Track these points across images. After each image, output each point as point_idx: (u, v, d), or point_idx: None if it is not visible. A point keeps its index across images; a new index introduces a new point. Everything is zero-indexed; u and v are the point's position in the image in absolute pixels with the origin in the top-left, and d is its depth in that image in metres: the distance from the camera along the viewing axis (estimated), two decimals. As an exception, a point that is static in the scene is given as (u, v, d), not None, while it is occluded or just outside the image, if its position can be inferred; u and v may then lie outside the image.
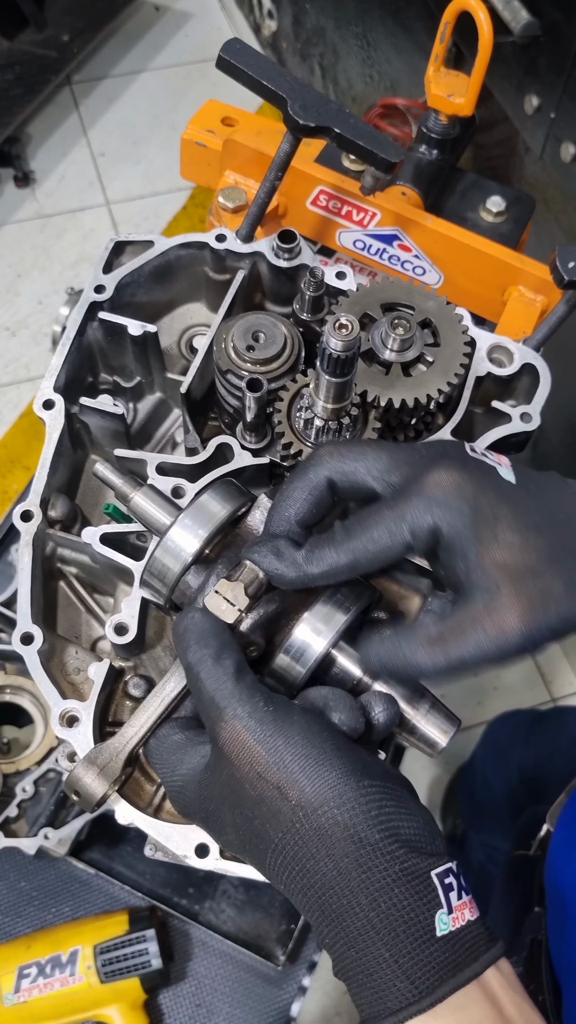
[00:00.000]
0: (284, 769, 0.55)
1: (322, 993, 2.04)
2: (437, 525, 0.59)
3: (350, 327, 0.64)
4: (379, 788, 0.55)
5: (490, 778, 1.72)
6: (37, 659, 0.78)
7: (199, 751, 0.62)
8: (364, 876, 0.53)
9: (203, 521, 0.69)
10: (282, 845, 0.55)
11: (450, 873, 0.54)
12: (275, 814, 0.55)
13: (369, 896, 0.52)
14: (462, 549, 0.59)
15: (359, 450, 0.64)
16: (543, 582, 0.58)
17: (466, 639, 0.57)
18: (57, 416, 0.86)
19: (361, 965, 0.52)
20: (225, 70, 0.92)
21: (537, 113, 1.49)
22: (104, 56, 3.40)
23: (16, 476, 2.64)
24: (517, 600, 0.57)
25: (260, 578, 0.64)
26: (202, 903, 1.26)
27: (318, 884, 0.54)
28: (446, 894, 0.53)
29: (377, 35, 2.25)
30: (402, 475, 0.62)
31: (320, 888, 0.54)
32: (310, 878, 0.54)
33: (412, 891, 0.53)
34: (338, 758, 0.55)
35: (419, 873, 0.53)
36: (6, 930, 1.24)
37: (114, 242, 0.94)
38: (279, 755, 0.55)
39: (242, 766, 0.56)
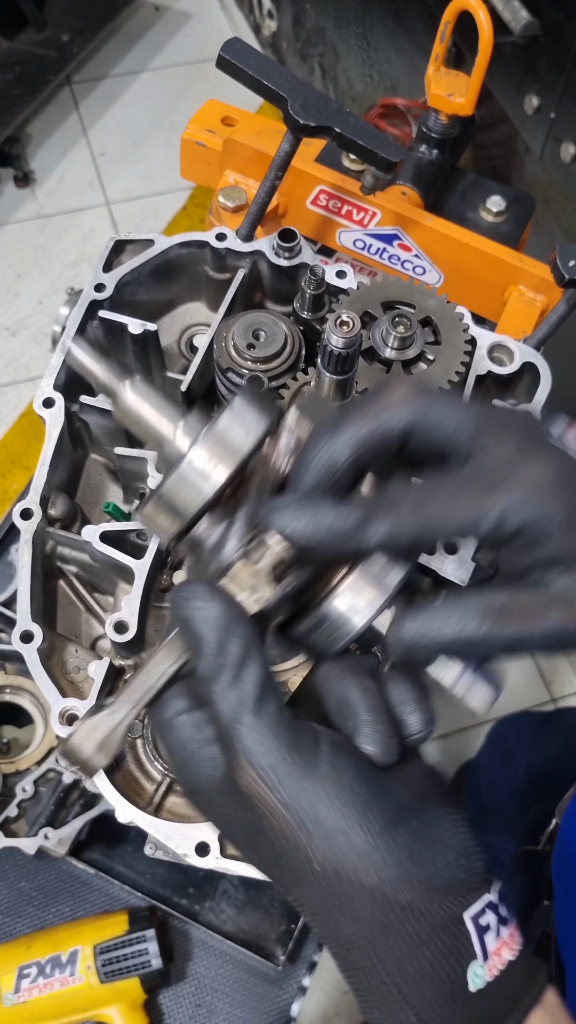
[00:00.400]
0: (306, 832, 0.48)
1: (322, 993, 2.04)
2: (528, 522, 0.51)
3: (351, 324, 0.64)
4: (410, 834, 0.49)
5: (496, 779, 1.72)
6: (37, 657, 0.77)
7: (212, 757, 0.52)
8: (391, 942, 0.48)
9: (235, 438, 0.54)
10: (303, 900, 0.51)
11: (488, 909, 0.50)
12: (297, 873, 0.50)
13: (396, 962, 0.48)
14: (548, 549, 0.52)
15: (448, 401, 0.54)
16: None
17: (542, 616, 0.51)
18: (57, 414, 0.86)
19: (388, 1021, 0.49)
20: (225, 69, 0.92)
21: (537, 113, 1.49)
22: (104, 56, 3.40)
23: (16, 476, 2.64)
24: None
25: (288, 557, 0.53)
26: (202, 903, 1.26)
27: (342, 942, 0.50)
28: (481, 938, 0.49)
29: (377, 35, 2.25)
30: (495, 449, 0.53)
31: (344, 946, 0.49)
32: (333, 935, 0.50)
33: (443, 947, 0.48)
34: (364, 815, 0.49)
35: (452, 922, 0.49)
36: (6, 930, 1.24)
37: (114, 241, 0.94)
38: (300, 816, 0.49)
39: (261, 815, 0.49)
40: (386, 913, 0.48)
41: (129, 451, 0.84)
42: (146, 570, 0.79)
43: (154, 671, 0.55)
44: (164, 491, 0.53)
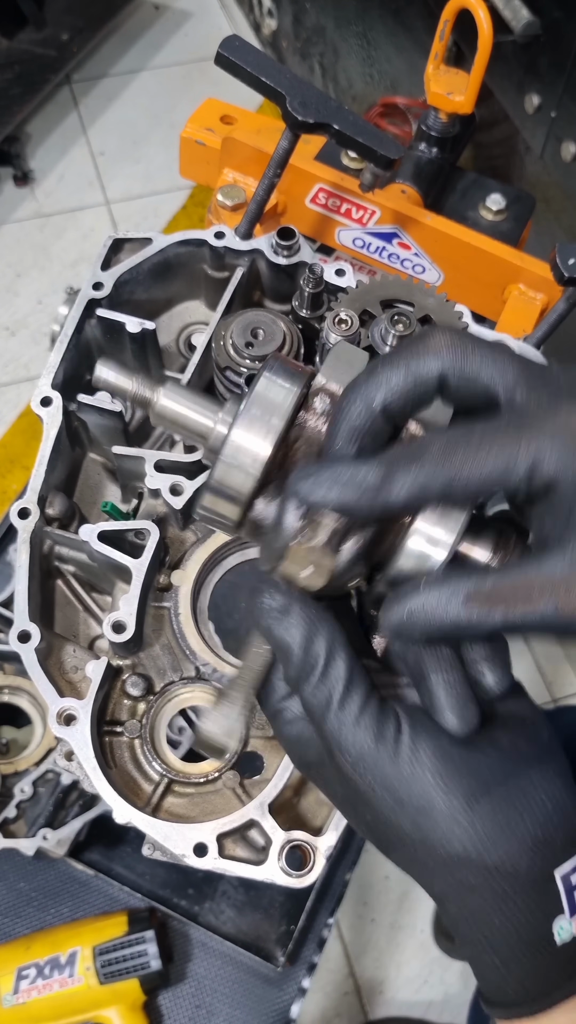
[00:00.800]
0: (393, 810, 0.51)
1: (322, 995, 2.04)
2: (559, 473, 0.47)
3: (350, 322, 0.64)
4: (494, 803, 0.50)
5: None
6: (34, 657, 0.77)
7: (314, 738, 0.54)
8: (478, 899, 0.51)
9: (271, 411, 0.54)
10: (399, 861, 0.54)
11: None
12: (390, 841, 0.53)
13: (483, 914, 0.51)
14: (570, 507, 0.48)
15: (487, 349, 0.51)
16: None
17: (531, 602, 0.48)
18: (55, 413, 0.85)
19: (477, 963, 0.53)
20: (224, 67, 0.92)
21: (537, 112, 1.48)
22: (103, 55, 3.40)
23: (15, 476, 2.64)
24: None
25: (339, 525, 0.51)
26: (201, 904, 1.25)
27: (435, 895, 0.54)
28: (569, 894, 0.51)
29: (377, 34, 2.25)
30: (534, 397, 0.50)
31: (437, 898, 0.54)
32: (428, 888, 0.54)
33: (530, 903, 0.50)
34: (446, 792, 0.50)
35: (541, 879, 0.50)
36: (5, 931, 1.24)
37: (112, 239, 0.93)
38: (387, 796, 0.51)
39: (357, 792, 0.53)
40: (472, 875, 0.50)
41: (127, 450, 0.84)
42: (144, 570, 0.78)
43: (256, 659, 0.56)
44: (214, 481, 0.54)
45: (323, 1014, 2.06)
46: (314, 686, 0.52)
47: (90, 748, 0.74)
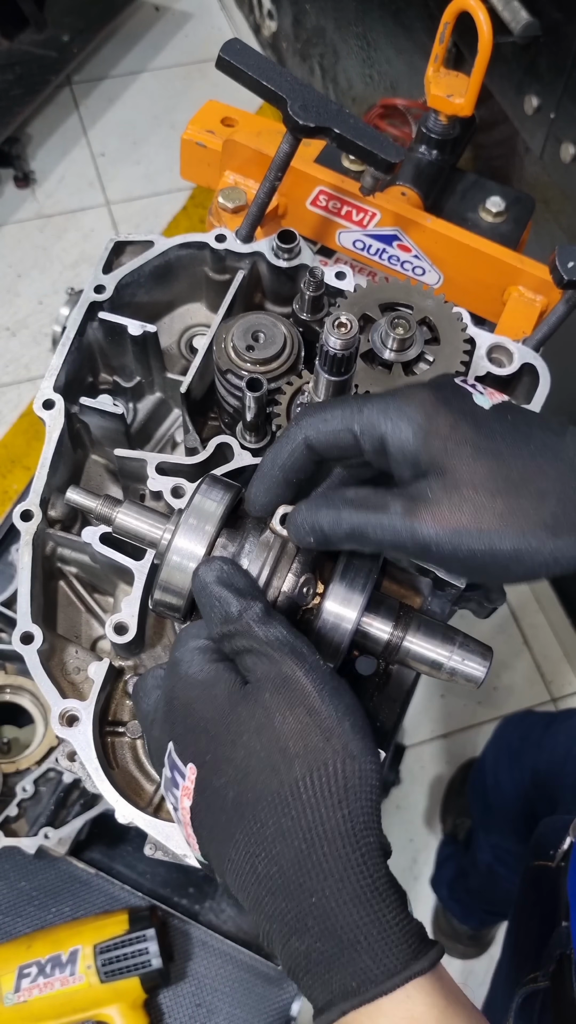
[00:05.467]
0: (332, 715, 0.56)
1: (322, 993, 2.04)
2: (387, 431, 0.61)
3: (349, 326, 0.64)
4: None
5: (502, 781, 1.72)
6: (37, 658, 0.78)
7: (222, 670, 0.61)
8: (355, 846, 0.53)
9: (205, 519, 0.68)
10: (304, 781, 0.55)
11: None
12: (312, 751, 0.55)
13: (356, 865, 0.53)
14: (406, 453, 0.60)
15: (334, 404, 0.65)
16: (481, 503, 0.58)
17: (385, 506, 0.60)
18: (57, 416, 0.86)
19: (338, 939, 0.52)
20: (225, 70, 0.93)
21: (537, 113, 1.49)
22: (104, 56, 3.40)
23: (16, 476, 2.64)
24: (449, 506, 0.58)
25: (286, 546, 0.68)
26: (202, 903, 1.26)
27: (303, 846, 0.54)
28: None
29: (377, 35, 2.25)
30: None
31: (307, 851, 0.54)
32: (302, 837, 0.54)
33: (388, 871, 0.55)
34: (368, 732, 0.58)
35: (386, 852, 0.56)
36: (6, 930, 1.24)
37: (114, 242, 0.94)
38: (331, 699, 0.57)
39: (290, 698, 0.57)
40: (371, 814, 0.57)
41: (129, 453, 0.85)
42: (146, 571, 0.79)
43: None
44: (161, 581, 0.68)
45: (323, 1013, 2.06)
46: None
47: (92, 749, 0.74)
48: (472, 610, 0.94)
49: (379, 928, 0.52)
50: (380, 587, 0.75)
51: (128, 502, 0.73)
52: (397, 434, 0.60)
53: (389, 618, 0.70)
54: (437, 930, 2.25)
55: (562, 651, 2.59)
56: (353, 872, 0.53)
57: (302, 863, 0.53)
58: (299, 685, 0.57)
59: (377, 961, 0.51)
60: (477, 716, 2.49)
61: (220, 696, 0.59)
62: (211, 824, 0.58)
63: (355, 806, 0.54)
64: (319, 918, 0.52)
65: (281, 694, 0.57)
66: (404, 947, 0.52)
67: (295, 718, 0.56)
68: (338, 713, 0.57)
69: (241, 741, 0.57)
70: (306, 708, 0.56)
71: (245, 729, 0.57)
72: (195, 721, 0.59)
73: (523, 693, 2.54)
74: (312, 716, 0.56)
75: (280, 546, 0.68)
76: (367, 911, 0.52)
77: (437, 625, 0.71)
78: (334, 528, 0.62)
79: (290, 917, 0.53)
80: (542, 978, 1.00)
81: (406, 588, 0.80)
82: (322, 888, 0.53)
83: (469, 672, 0.70)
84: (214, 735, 0.58)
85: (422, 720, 2.46)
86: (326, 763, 0.55)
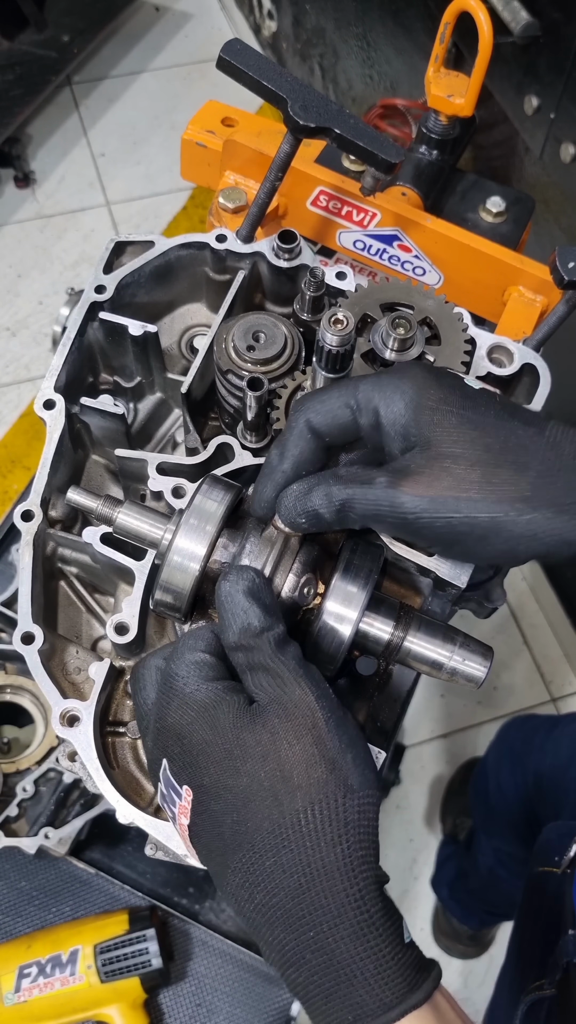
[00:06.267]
0: (337, 747, 0.56)
1: (322, 993, 2.04)
2: (380, 404, 0.61)
3: (345, 322, 0.65)
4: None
5: (503, 784, 1.72)
6: (38, 659, 0.78)
7: (223, 691, 0.59)
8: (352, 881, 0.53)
9: (206, 519, 0.68)
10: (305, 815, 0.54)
11: None
12: (315, 783, 0.55)
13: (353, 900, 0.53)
14: (397, 426, 0.61)
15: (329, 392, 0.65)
16: (461, 473, 0.58)
17: (365, 492, 0.61)
18: (58, 416, 0.86)
19: (335, 974, 0.52)
20: (225, 70, 0.93)
21: (537, 114, 1.49)
22: (104, 56, 3.41)
23: (17, 476, 2.64)
24: (429, 476, 0.59)
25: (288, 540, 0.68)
26: (202, 903, 1.26)
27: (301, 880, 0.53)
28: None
29: (377, 35, 2.25)
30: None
31: (305, 885, 0.53)
32: (300, 872, 0.54)
33: (385, 901, 0.55)
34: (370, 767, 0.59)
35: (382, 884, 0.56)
36: (6, 930, 1.24)
37: (114, 242, 0.94)
38: (337, 730, 0.57)
39: (298, 727, 0.56)
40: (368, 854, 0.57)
41: (130, 453, 0.85)
42: (147, 571, 0.79)
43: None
44: (162, 581, 0.68)
45: (323, 1013, 2.06)
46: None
47: (93, 749, 0.74)
48: (472, 610, 0.94)
49: (375, 962, 0.52)
50: (380, 587, 0.75)
51: (129, 502, 0.73)
52: (389, 406, 0.61)
53: (390, 618, 0.70)
54: (437, 930, 2.25)
55: (562, 651, 2.59)
56: (350, 908, 0.53)
57: (299, 897, 0.53)
58: (309, 712, 0.57)
59: (373, 995, 0.52)
60: (477, 716, 2.49)
61: (223, 720, 0.58)
62: (209, 846, 0.58)
63: (353, 841, 0.54)
64: (316, 952, 0.53)
65: (290, 721, 0.57)
66: (400, 980, 0.52)
67: (301, 747, 0.56)
68: (342, 744, 0.57)
69: (244, 768, 0.56)
70: (313, 737, 0.56)
71: (249, 755, 0.56)
72: (192, 743, 0.58)
73: (523, 693, 2.54)
74: (318, 746, 0.56)
75: (281, 546, 0.69)
76: (363, 946, 0.52)
77: (438, 625, 0.71)
78: (326, 504, 0.62)
79: (288, 949, 0.54)
80: (548, 986, 1.00)
81: (406, 588, 0.80)
82: (319, 923, 0.53)
83: (469, 672, 0.70)
84: (214, 760, 0.57)
85: (422, 720, 2.46)
86: (327, 796, 0.55)
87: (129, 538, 0.73)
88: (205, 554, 0.67)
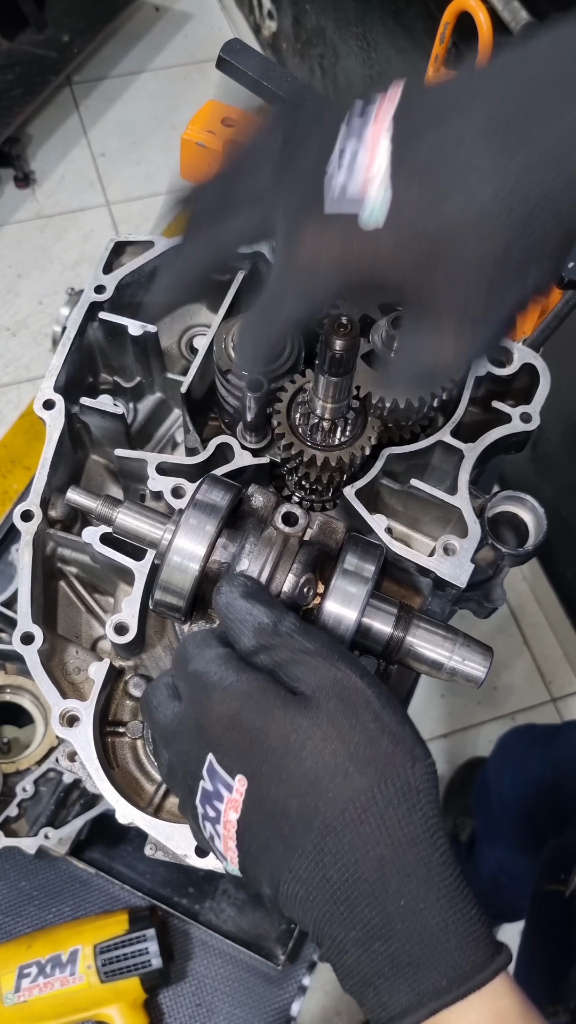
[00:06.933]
0: (394, 720, 0.57)
1: (322, 992, 2.04)
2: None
3: (349, 326, 0.64)
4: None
5: (506, 794, 1.71)
6: (37, 659, 0.78)
7: (264, 680, 0.58)
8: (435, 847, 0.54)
9: (206, 518, 0.69)
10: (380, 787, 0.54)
11: None
12: (383, 756, 0.55)
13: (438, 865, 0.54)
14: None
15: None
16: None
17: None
18: (57, 416, 0.86)
19: (427, 940, 0.52)
20: (225, 70, 0.93)
21: (537, 113, 1.49)
22: (104, 56, 3.41)
23: (16, 476, 2.64)
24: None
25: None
26: (202, 903, 1.26)
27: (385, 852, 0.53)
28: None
29: (377, 35, 2.25)
30: None
31: (390, 856, 0.53)
32: (384, 842, 0.54)
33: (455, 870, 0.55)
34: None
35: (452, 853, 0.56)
36: (6, 930, 1.24)
37: (114, 242, 0.94)
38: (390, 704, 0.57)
39: (354, 705, 0.56)
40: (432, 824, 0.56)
41: (130, 453, 0.85)
42: (146, 571, 0.79)
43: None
44: (162, 580, 0.68)
45: (323, 1012, 2.07)
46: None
47: (92, 749, 0.74)
48: (472, 610, 0.94)
49: (467, 925, 0.53)
50: (380, 587, 0.75)
51: (128, 502, 0.73)
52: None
53: (389, 618, 0.70)
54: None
55: (562, 651, 2.59)
56: (437, 873, 0.53)
57: (384, 868, 0.53)
58: (359, 691, 0.57)
59: (467, 958, 0.52)
60: (477, 716, 2.49)
61: (274, 706, 0.57)
62: (267, 836, 0.56)
63: (427, 809, 0.55)
64: (407, 920, 0.53)
65: (343, 701, 0.57)
66: (488, 942, 0.53)
67: (361, 724, 0.56)
68: (398, 717, 0.57)
69: (307, 750, 0.55)
70: (371, 713, 0.56)
71: (310, 737, 0.56)
72: (244, 732, 0.57)
73: (523, 693, 2.54)
74: (377, 722, 0.56)
75: (280, 546, 0.69)
76: (454, 909, 0.53)
77: (437, 625, 0.72)
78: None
79: (375, 922, 0.53)
80: (564, 1012, 0.99)
81: (406, 588, 0.80)
82: (408, 891, 0.53)
83: (469, 672, 0.70)
84: (271, 746, 0.56)
85: (422, 720, 2.46)
86: (396, 767, 0.55)
87: (129, 538, 0.73)
88: (205, 554, 0.67)
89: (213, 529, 0.68)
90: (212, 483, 0.71)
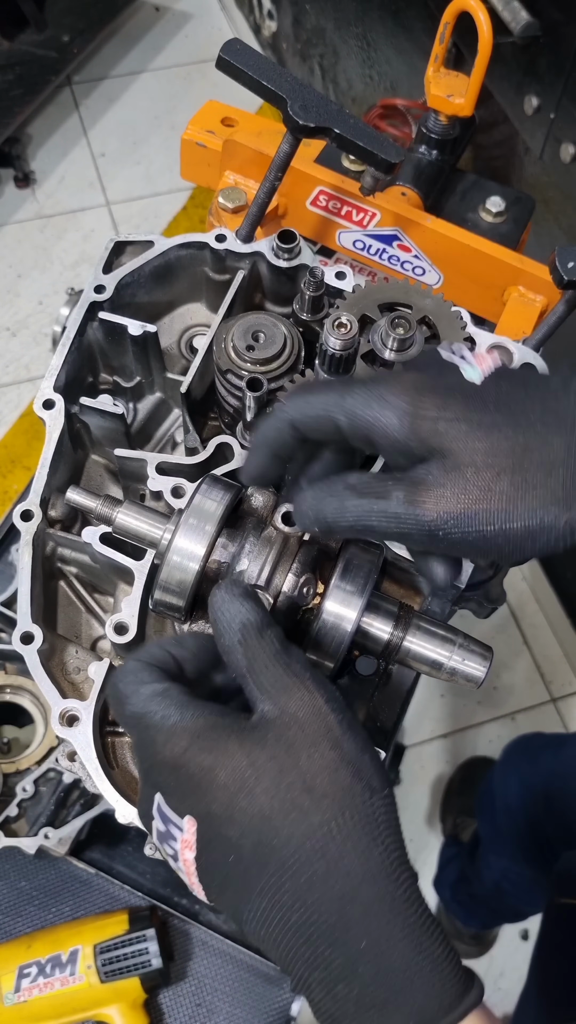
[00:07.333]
0: (355, 748, 0.55)
1: (322, 993, 2.04)
2: (371, 421, 0.59)
3: (349, 326, 0.64)
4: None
5: (512, 804, 1.71)
6: (37, 659, 0.78)
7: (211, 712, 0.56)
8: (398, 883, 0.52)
9: (205, 519, 0.69)
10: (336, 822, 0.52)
11: None
12: (341, 788, 0.53)
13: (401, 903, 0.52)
14: (393, 442, 0.59)
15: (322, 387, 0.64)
16: (485, 483, 0.56)
17: (384, 508, 0.59)
18: (57, 416, 0.86)
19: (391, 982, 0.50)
20: (225, 70, 0.93)
21: (537, 113, 1.49)
22: (104, 56, 3.40)
23: (16, 476, 2.64)
24: (452, 489, 0.56)
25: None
26: (203, 903, 1.26)
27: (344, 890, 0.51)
28: None
29: (377, 35, 2.25)
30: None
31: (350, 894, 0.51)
32: (342, 881, 0.51)
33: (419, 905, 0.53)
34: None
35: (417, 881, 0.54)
36: (6, 930, 1.24)
37: (114, 242, 0.94)
38: (351, 732, 0.55)
39: (314, 733, 0.54)
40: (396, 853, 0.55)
41: (129, 452, 0.85)
42: (146, 571, 0.79)
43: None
44: (162, 580, 0.68)
45: (323, 1013, 2.06)
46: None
47: (92, 749, 0.74)
48: (472, 610, 0.94)
49: (431, 964, 0.50)
50: (380, 587, 0.75)
51: (128, 502, 0.73)
52: (381, 422, 0.59)
53: (389, 618, 0.70)
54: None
55: (562, 651, 2.59)
56: (401, 910, 0.51)
57: (345, 907, 0.51)
58: (322, 716, 0.55)
59: (433, 999, 0.50)
60: (477, 716, 2.49)
61: (227, 740, 0.54)
62: (224, 876, 0.54)
63: (388, 842, 0.53)
64: (369, 962, 0.50)
65: (303, 729, 0.54)
66: (455, 981, 0.51)
67: (320, 754, 0.54)
68: (358, 746, 0.55)
69: (261, 787, 0.53)
70: (330, 742, 0.54)
71: (264, 772, 0.53)
72: (191, 773, 0.54)
73: (523, 693, 2.54)
74: (337, 751, 0.54)
75: (280, 546, 0.69)
76: (419, 949, 0.50)
77: (437, 625, 0.72)
78: (338, 518, 0.61)
79: (336, 964, 0.51)
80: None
81: (406, 588, 0.80)
82: (371, 931, 0.50)
83: (469, 672, 0.70)
84: (222, 783, 0.53)
85: (422, 720, 2.46)
86: (355, 800, 0.53)
87: (128, 538, 0.73)
88: (204, 554, 0.67)
89: (213, 529, 0.68)
90: (212, 483, 0.71)
